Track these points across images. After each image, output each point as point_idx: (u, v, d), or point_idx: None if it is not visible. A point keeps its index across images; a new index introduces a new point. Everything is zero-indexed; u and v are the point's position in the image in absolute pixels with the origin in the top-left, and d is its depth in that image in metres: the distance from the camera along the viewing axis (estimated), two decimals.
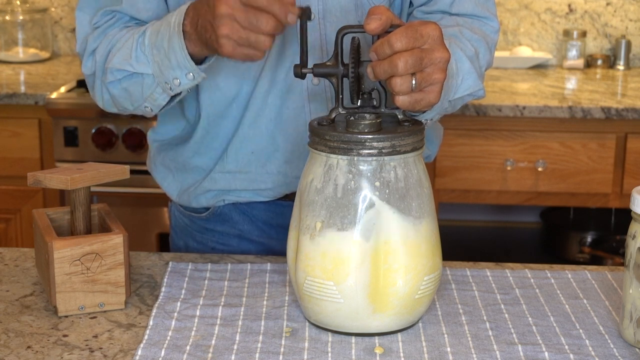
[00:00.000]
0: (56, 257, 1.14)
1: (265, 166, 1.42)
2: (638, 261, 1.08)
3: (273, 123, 1.40)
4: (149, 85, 1.29)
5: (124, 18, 1.36)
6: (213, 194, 1.46)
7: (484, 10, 1.39)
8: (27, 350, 1.08)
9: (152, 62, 1.26)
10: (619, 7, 3.09)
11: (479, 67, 1.32)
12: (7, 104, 2.58)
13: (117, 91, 1.32)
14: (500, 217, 3.22)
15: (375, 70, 1.09)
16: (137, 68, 1.28)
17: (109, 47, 1.32)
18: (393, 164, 1.09)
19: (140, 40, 1.27)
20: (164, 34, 1.23)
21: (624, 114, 2.49)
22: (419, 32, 1.08)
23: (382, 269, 1.09)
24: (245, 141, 1.41)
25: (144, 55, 1.27)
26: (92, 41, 1.36)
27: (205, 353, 1.07)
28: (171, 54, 1.23)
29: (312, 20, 1.14)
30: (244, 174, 1.43)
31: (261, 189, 1.44)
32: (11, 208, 2.68)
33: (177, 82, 1.26)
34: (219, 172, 1.44)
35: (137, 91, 1.30)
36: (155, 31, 1.25)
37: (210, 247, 1.51)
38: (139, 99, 1.31)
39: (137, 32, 1.29)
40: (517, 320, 1.17)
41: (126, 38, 1.30)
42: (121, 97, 1.33)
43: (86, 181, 1.19)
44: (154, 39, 1.25)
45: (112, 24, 1.36)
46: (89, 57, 1.36)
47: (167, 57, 1.23)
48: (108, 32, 1.35)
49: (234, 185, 1.44)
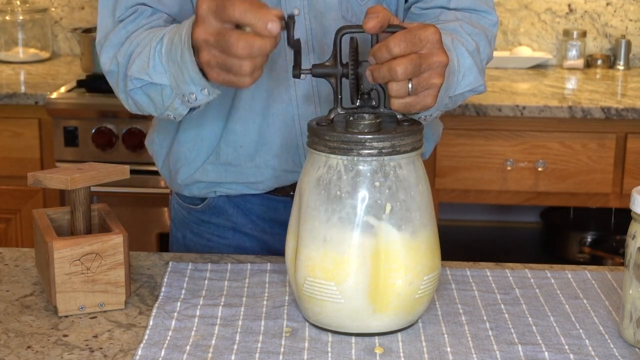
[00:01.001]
0: (56, 257, 1.14)
1: (254, 160, 1.43)
2: (638, 261, 1.08)
3: (261, 117, 1.41)
4: (168, 95, 1.25)
5: (146, 12, 1.33)
6: (204, 185, 1.47)
7: (482, 3, 1.39)
8: (27, 350, 1.08)
9: (168, 73, 1.21)
10: (619, 7, 3.09)
11: (480, 61, 1.32)
12: (7, 104, 2.59)
13: (139, 97, 1.29)
14: (500, 217, 3.22)
15: (373, 74, 1.09)
16: (155, 78, 1.23)
17: (130, 51, 1.28)
18: (393, 164, 1.09)
19: (158, 48, 1.22)
20: (177, 45, 1.18)
21: (624, 114, 2.49)
22: (418, 36, 1.08)
23: (382, 269, 1.09)
24: (234, 135, 1.42)
25: (161, 64, 1.22)
26: (113, 36, 1.32)
27: (205, 353, 1.07)
28: (184, 69, 1.18)
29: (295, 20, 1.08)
30: (234, 167, 1.44)
31: (251, 182, 1.45)
32: (11, 208, 2.68)
33: (193, 97, 1.21)
34: (211, 164, 1.45)
35: (158, 99, 1.27)
36: (171, 41, 1.20)
37: (207, 239, 1.53)
38: (161, 107, 1.28)
39: (156, 37, 1.24)
40: (517, 320, 1.17)
41: (145, 42, 1.25)
42: (144, 103, 1.29)
43: (86, 181, 1.19)
44: (169, 48, 1.20)
45: (133, 19, 1.32)
46: (108, 51, 1.32)
47: (181, 71, 1.18)
48: (129, 28, 1.31)
49: (225, 178, 1.45)
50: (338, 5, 1.38)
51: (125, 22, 1.33)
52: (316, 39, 1.38)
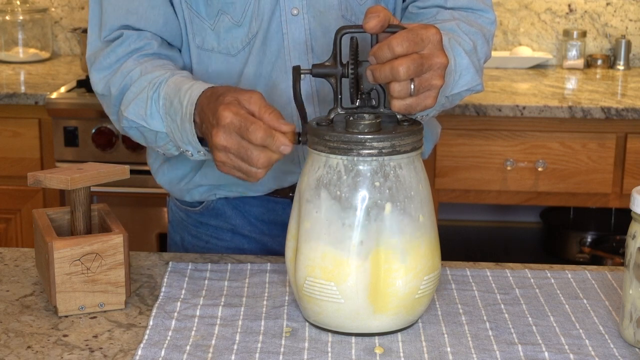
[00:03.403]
0: (56, 257, 1.14)
1: None
2: (638, 261, 1.08)
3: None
4: (162, 139, 1.31)
5: (132, 37, 1.36)
6: (205, 188, 1.47)
7: (479, 2, 1.39)
8: (27, 350, 1.08)
9: (165, 125, 1.28)
10: (619, 7, 3.09)
11: (477, 60, 1.32)
12: (7, 104, 2.59)
13: (132, 132, 1.35)
14: (500, 217, 3.22)
15: (375, 74, 1.09)
16: (152, 125, 1.29)
17: (124, 86, 1.33)
18: (393, 164, 1.09)
19: (155, 98, 1.28)
20: (177, 109, 1.24)
21: (624, 114, 2.49)
22: (420, 36, 1.08)
23: (382, 269, 1.09)
24: None
25: (158, 114, 1.28)
26: (102, 58, 1.36)
27: (205, 353, 1.07)
28: (183, 133, 1.24)
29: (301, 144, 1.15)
30: None
31: (250, 184, 1.45)
32: (11, 208, 2.68)
33: (189, 154, 1.28)
34: (210, 167, 1.45)
35: (151, 139, 1.33)
36: (169, 99, 1.26)
37: (205, 241, 1.53)
38: (153, 144, 1.34)
39: (151, 86, 1.29)
40: (517, 320, 1.17)
41: (141, 87, 1.30)
42: (136, 137, 1.35)
43: (86, 181, 1.19)
44: (167, 107, 1.26)
45: (120, 43, 1.36)
46: (98, 73, 1.37)
47: (180, 132, 1.25)
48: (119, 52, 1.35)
49: (225, 180, 1.45)
50: (338, 4, 1.38)
51: (114, 46, 1.36)
52: (316, 39, 1.38)
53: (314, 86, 1.40)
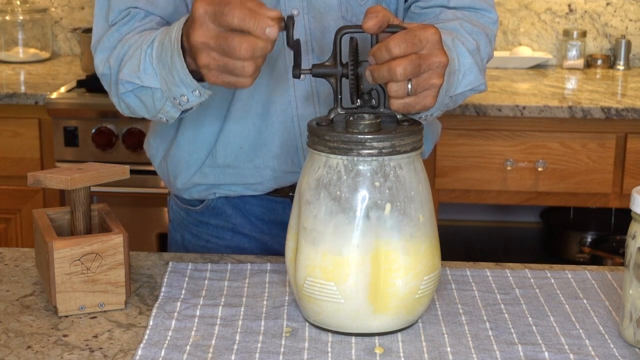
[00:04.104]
0: (56, 257, 1.14)
1: (254, 161, 1.43)
2: (638, 261, 1.08)
3: (260, 118, 1.41)
4: (159, 98, 1.25)
5: (139, 14, 1.33)
6: (204, 187, 1.47)
7: (482, 1, 1.39)
8: (27, 350, 1.08)
9: (159, 76, 1.22)
10: (619, 7, 3.09)
11: (480, 60, 1.32)
12: (7, 104, 2.59)
13: (131, 101, 1.29)
14: (500, 217, 3.22)
15: (373, 74, 1.09)
16: (145, 82, 1.24)
17: (122, 54, 1.28)
18: (393, 164, 1.09)
19: (149, 52, 1.22)
20: (167, 47, 1.18)
21: (624, 114, 2.49)
22: (418, 37, 1.08)
23: (382, 269, 1.09)
24: (233, 136, 1.42)
25: (151, 67, 1.22)
26: (106, 39, 1.33)
27: (205, 353, 1.07)
28: (174, 71, 1.18)
29: (295, 22, 1.09)
30: (233, 168, 1.44)
31: (250, 183, 1.45)
32: (11, 208, 2.68)
33: (184, 99, 1.22)
34: (209, 167, 1.45)
35: (149, 102, 1.27)
36: (161, 44, 1.20)
37: (205, 240, 1.53)
38: (153, 110, 1.28)
39: (147, 41, 1.24)
40: (517, 320, 1.17)
41: (137, 46, 1.26)
42: (136, 106, 1.30)
43: (86, 181, 1.19)
44: (159, 51, 1.20)
45: (126, 22, 1.32)
46: (101, 54, 1.33)
47: (171, 74, 1.19)
48: (122, 31, 1.32)
49: (224, 180, 1.45)
50: (337, 5, 1.38)
51: (119, 25, 1.33)
52: (315, 39, 1.38)
53: (314, 86, 1.40)
